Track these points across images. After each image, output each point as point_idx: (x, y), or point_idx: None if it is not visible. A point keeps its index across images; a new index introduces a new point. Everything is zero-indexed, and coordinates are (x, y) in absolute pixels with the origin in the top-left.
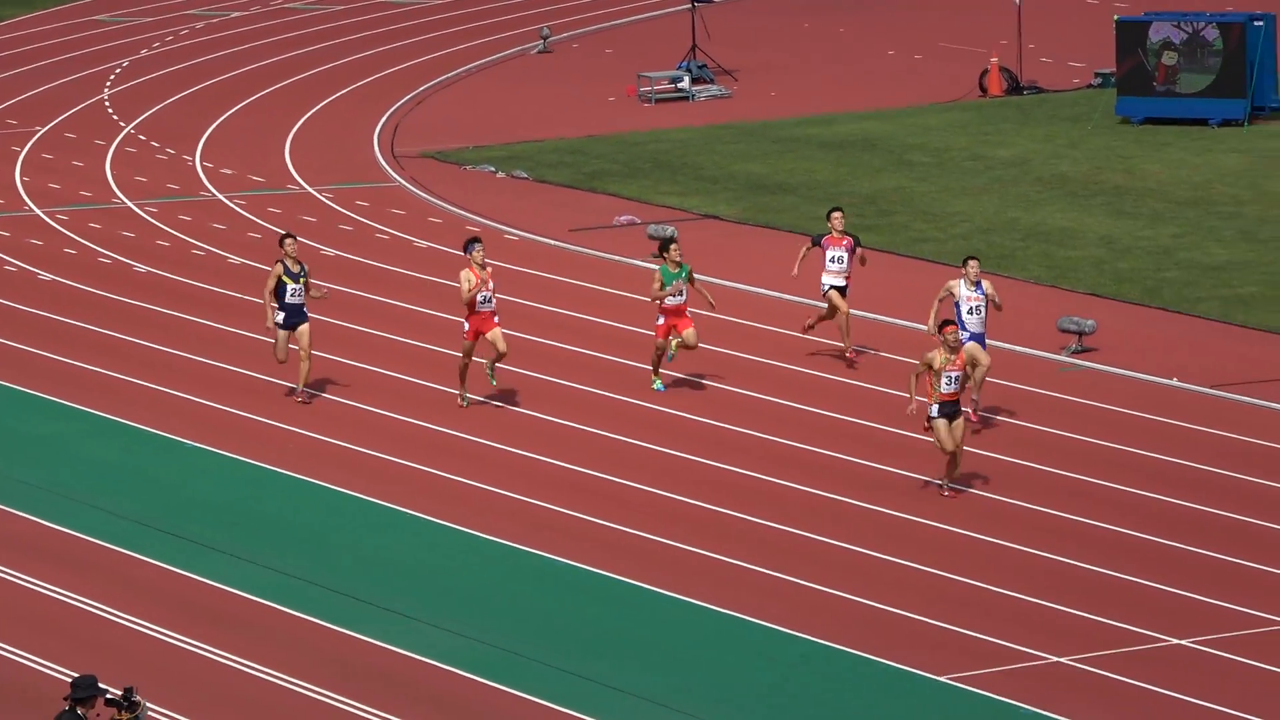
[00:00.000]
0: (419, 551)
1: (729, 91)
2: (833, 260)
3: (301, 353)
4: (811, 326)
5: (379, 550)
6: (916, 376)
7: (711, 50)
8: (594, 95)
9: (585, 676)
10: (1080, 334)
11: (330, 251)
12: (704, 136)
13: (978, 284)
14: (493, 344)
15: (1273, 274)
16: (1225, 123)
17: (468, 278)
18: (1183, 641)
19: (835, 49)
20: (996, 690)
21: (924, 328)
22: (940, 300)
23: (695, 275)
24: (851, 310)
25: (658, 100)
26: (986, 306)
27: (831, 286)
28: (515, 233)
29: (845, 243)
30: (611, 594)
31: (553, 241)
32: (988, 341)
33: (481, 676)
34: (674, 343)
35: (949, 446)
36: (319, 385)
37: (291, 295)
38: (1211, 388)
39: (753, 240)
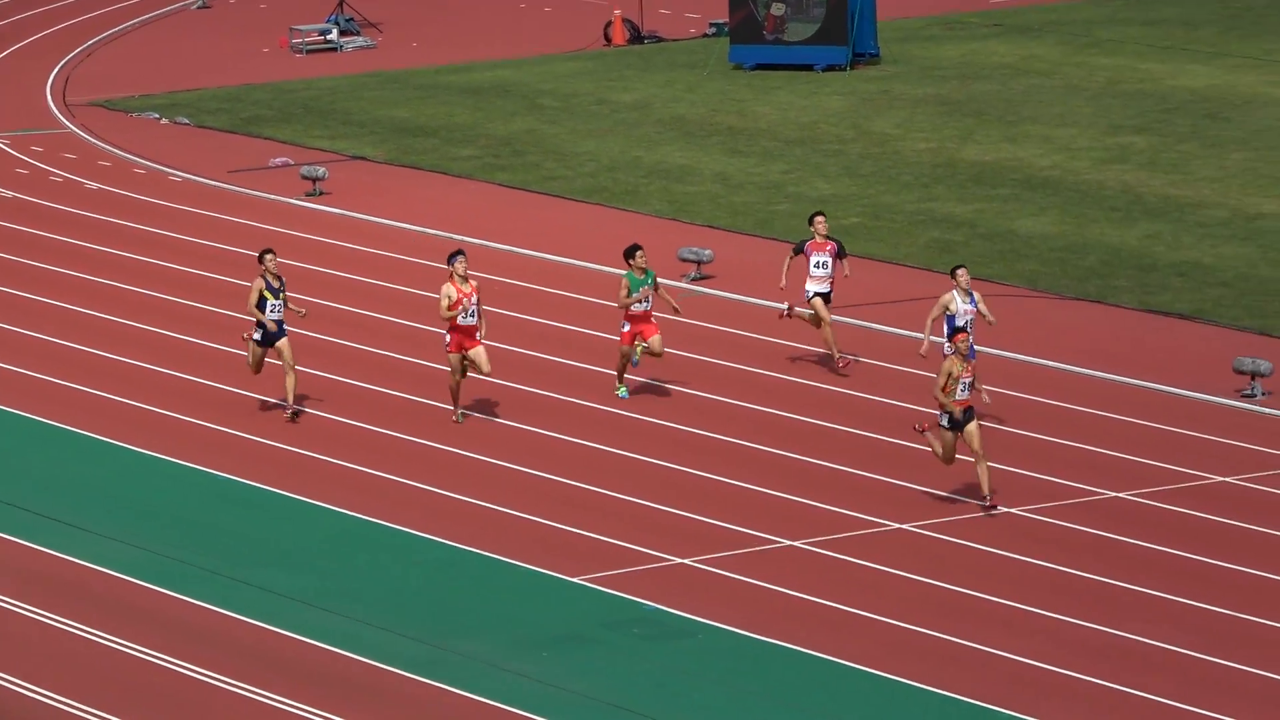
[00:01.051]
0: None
1: (374, 43)
2: (817, 266)
3: (285, 366)
4: (789, 314)
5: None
6: (942, 388)
7: (358, 5)
8: (250, 47)
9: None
10: (699, 263)
11: (8, 193)
12: (351, 84)
13: (969, 294)
14: (474, 363)
15: (872, 205)
16: (829, 68)
17: (449, 293)
18: (795, 543)
19: (472, 3)
20: (626, 589)
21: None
22: (934, 319)
23: (660, 281)
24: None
25: (309, 51)
26: (976, 318)
27: (815, 293)
28: (179, 174)
29: (829, 248)
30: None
31: (213, 182)
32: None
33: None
34: (639, 348)
35: (948, 460)
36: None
37: (271, 311)
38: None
39: (398, 180)
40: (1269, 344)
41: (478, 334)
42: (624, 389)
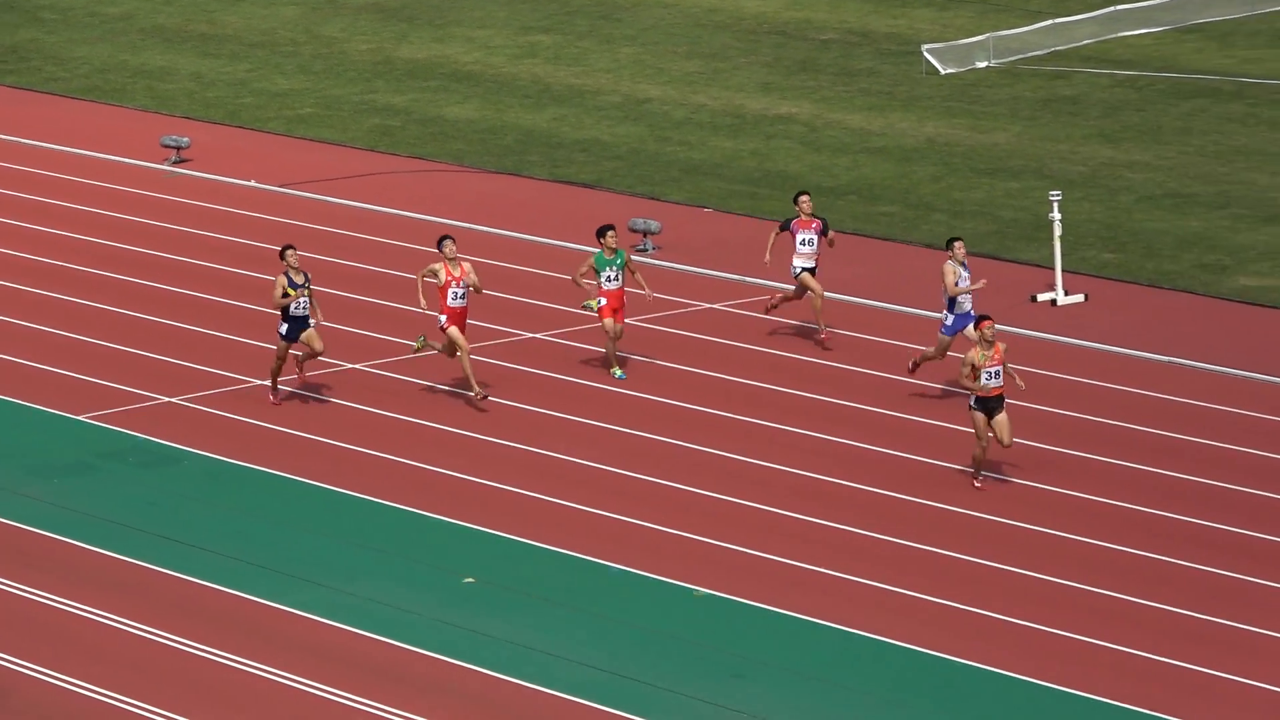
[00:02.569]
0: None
1: None
2: (803, 243)
3: (310, 353)
4: (774, 307)
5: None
6: (969, 378)
7: None
8: None
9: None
10: (178, 148)
11: None
12: None
13: (964, 264)
14: (454, 341)
15: (323, 98)
16: None
17: (435, 269)
18: (357, 366)
19: None
20: (122, 424)
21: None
22: (952, 285)
23: (632, 258)
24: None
25: None
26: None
27: (803, 269)
28: None
29: (815, 225)
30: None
31: None
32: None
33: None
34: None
35: (983, 441)
36: None
37: (296, 308)
38: (283, 186)
39: None
40: (658, 207)
41: (465, 317)
42: (619, 370)
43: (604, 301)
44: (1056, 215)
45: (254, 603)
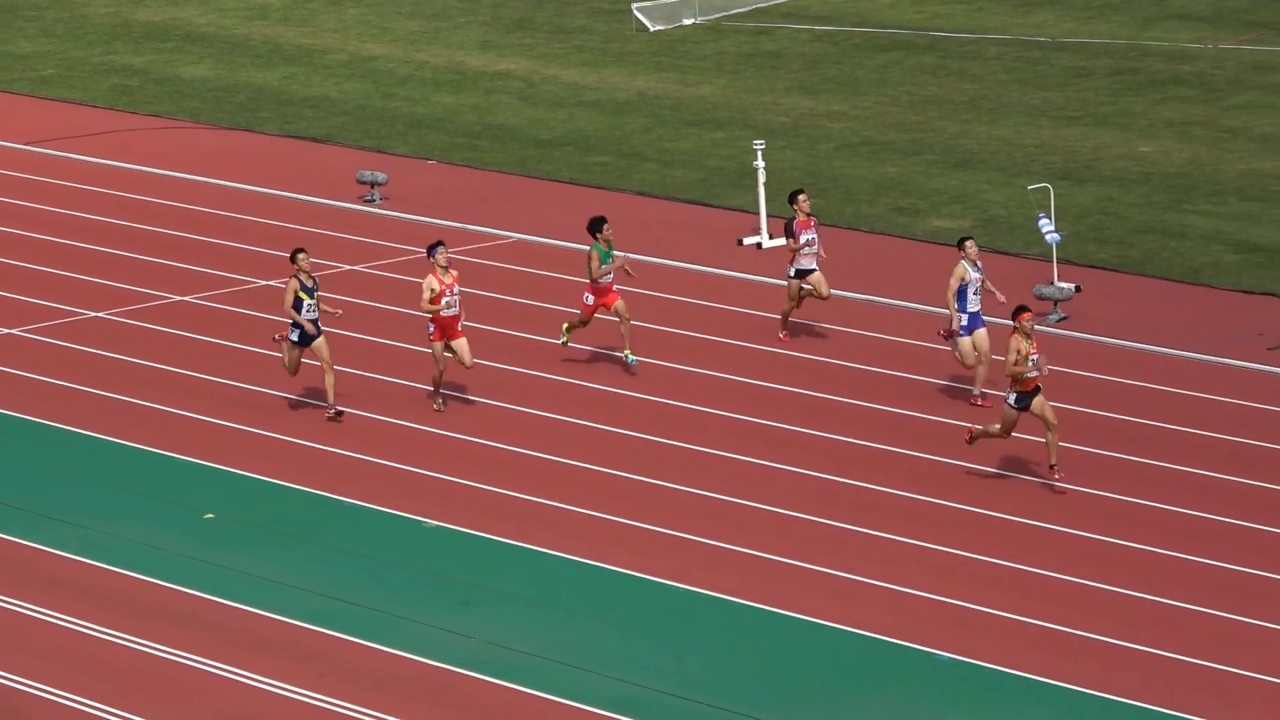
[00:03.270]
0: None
1: None
2: (807, 244)
3: (324, 365)
4: (788, 316)
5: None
6: (1014, 364)
7: None
8: None
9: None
10: None
11: None
12: None
13: (976, 264)
14: (458, 355)
15: (65, 59)
16: None
17: (432, 284)
18: (100, 314)
19: None
20: None
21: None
22: (953, 292)
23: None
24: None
25: None
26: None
27: (801, 270)
28: None
29: (813, 223)
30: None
31: None
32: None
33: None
34: (564, 327)
35: (1006, 435)
36: None
37: (307, 311)
38: (28, 144)
39: None
40: (384, 159)
41: (460, 324)
42: (631, 354)
43: (590, 299)
44: (760, 163)
45: (5, 540)
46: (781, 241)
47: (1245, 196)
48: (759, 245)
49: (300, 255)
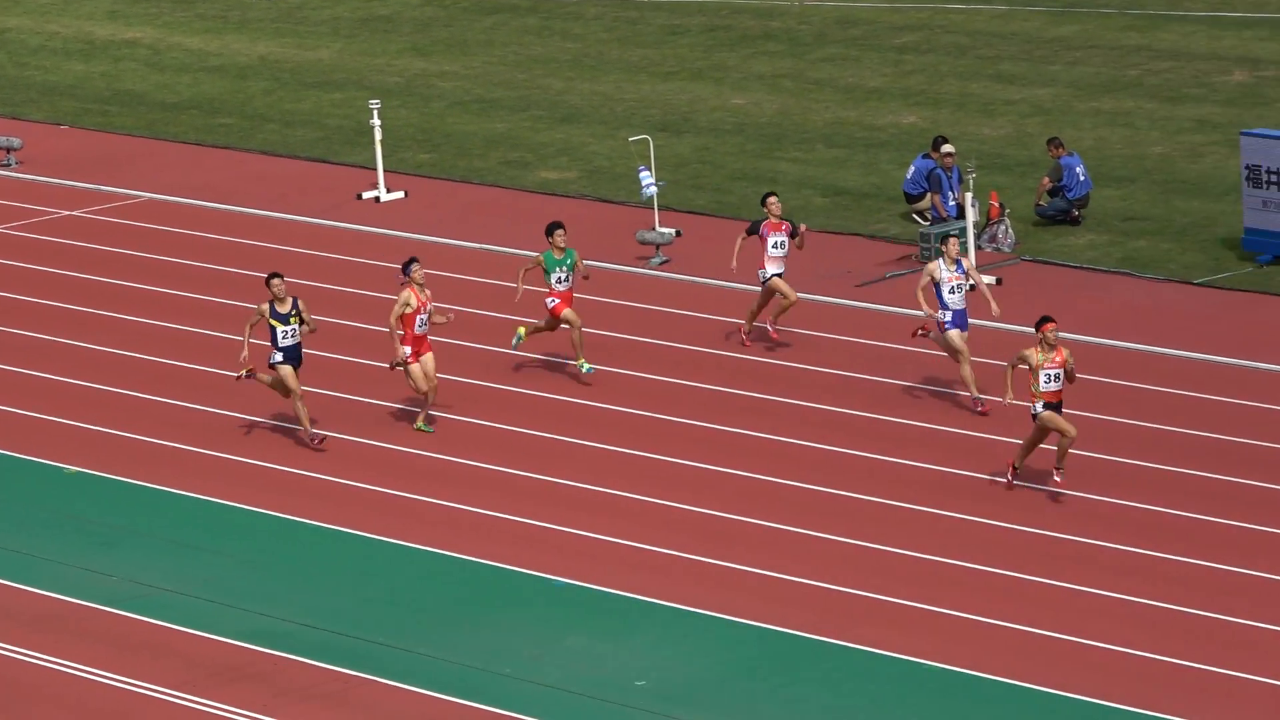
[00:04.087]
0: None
1: None
2: (775, 246)
3: (294, 392)
4: (754, 318)
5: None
6: (1012, 368)
7: None
8: None
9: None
10: None
11: None
12: None
13: (957, 262)
14: (424, 373)
15: None
16: None
17: (408, 300)
18: None
19: None
20: None
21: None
22: (924, 287)
23: (584, 262)
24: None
25: None
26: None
27: (773, 274)
28: None
29: (785, 227)
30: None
31: None
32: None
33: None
34: (521, 330)
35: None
36: None
37: (284, 338)
38: None
39: None
40: (19, 125)
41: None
42: (585, 364)
43: (551, 303)
44: (376, 121)
45: None
46: (400, 194)
47: (832, 144)
48: (377, 199)
49: (274, 281)
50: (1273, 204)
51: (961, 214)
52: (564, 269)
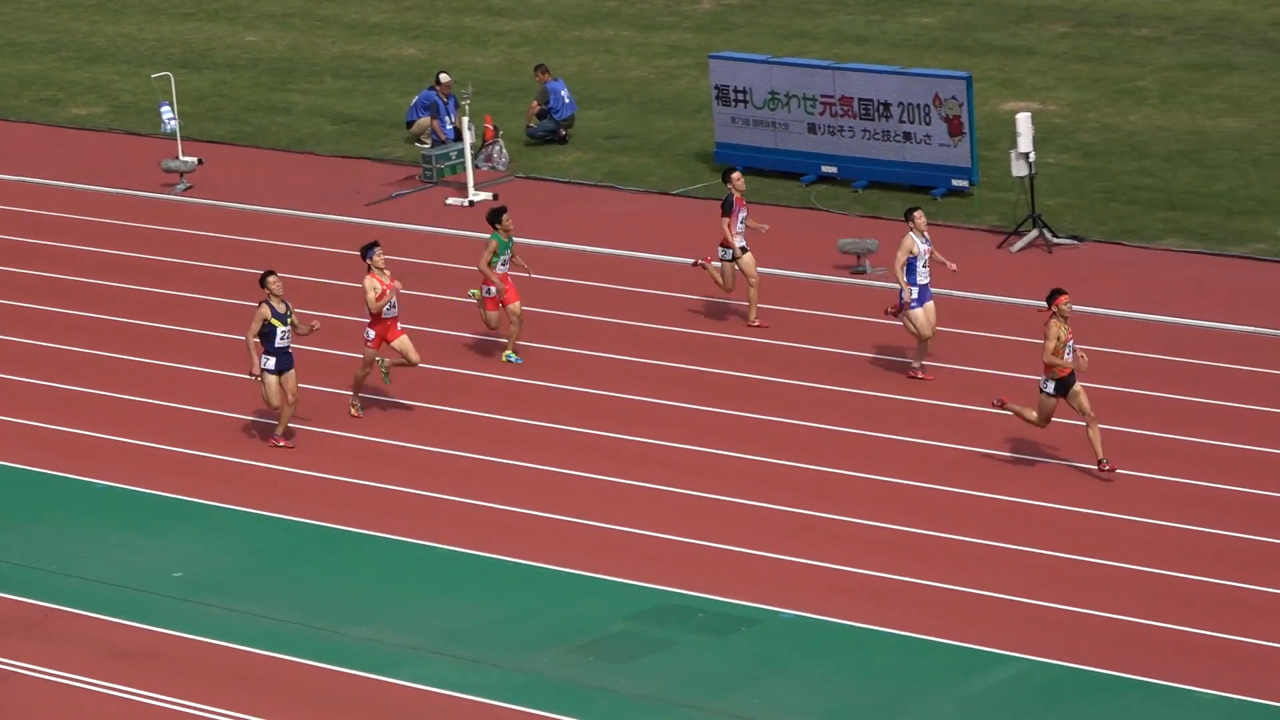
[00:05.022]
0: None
1: None
2: (742, 221)
3: (289, 397)
4: (700, 265)
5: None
6: (1054, 352)
7: None
8: None
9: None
10: None
11: None
12: None
13: (925, 235)
14: (402, 354)
15: None
16: None
17: (373, 286)
18: None
19: None
20: None
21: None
22: (901, 265)
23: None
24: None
25: None
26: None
27: (740, 248)
28: None
29: (742, 200)
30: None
31: None
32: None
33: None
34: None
35: (1044, 424)
36: None
37: (281, 338)
38: None
39: None
40: None
41: (399, 324)
42: (513, 354)
43: (492, 291)
44: None
45: None
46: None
47: (339, 76)
48: None
49: (271, 279)
50: (740, 120)
51: (459, 137)
52: (508, 253)
